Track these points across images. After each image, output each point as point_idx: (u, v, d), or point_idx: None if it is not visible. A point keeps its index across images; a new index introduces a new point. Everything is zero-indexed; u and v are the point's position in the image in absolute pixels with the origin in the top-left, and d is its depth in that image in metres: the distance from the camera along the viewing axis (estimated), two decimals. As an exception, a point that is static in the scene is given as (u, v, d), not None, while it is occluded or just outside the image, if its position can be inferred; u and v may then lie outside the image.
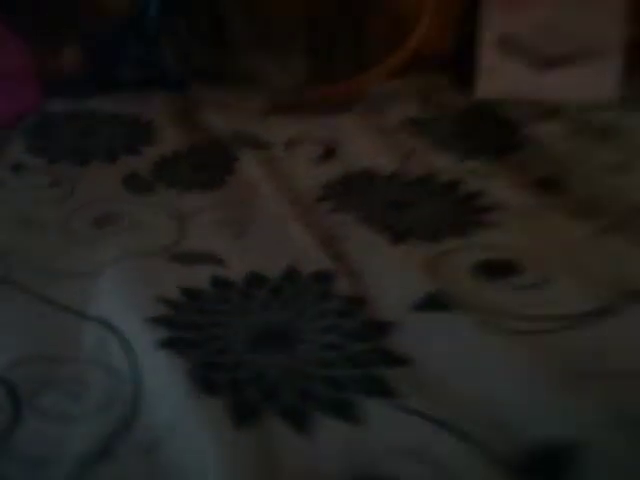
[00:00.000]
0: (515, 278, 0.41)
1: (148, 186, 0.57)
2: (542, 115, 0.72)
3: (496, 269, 0.42)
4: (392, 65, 0.81)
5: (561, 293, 0.39)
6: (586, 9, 0.82)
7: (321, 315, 0.38)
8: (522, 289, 0.40)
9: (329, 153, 0.65)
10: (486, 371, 0.32)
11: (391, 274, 0.42)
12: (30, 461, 0.28)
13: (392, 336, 0.36)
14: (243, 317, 0.39)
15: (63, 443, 0.29)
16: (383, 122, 0.70)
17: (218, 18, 0.82)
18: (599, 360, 0.32)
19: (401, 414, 0.30)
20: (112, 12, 0.80)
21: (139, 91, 0.78)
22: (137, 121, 0.72)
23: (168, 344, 0.34)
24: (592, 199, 0.51)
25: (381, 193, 0.56)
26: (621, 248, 0.44)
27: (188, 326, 0.37)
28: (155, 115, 0.73)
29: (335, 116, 0.73)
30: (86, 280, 0.42)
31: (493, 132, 0.66)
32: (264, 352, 0.35)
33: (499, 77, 0.83)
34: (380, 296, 0.40)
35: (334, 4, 0.84)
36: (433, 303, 0.38)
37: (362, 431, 0.29)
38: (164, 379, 0.32)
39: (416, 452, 0.28)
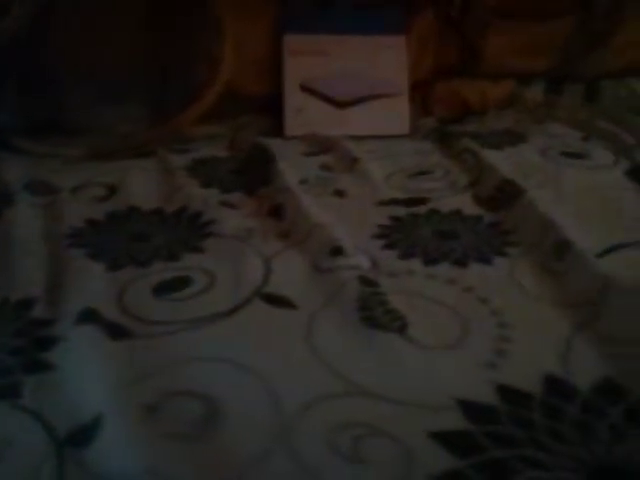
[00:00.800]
0: (182, 292, 0.49)
1: None
2: (312, 151, 0.82)
3: (173, 285, 0.50)
4: (199, 108, 0.91)
5: (210, 301, 0.47)
6: (375, 58, 0.95)
7: (3, 335, 0.45)
8: (180, 300, 0.48)
9: (110, 194, 0.72)
10: (88, 374, 0.40)
11: (85, 298, 0.49)
12: None
13: (52, 349, 0.42)
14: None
15: None
16: (171, 164, 0.79)
17: (50, 72, 0.89)
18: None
19: (12, 411, 0.37)
20: None
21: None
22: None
23: None
24: (298, 223, 0.60)
25: (130, 228, 0.63)
26: (287, 260, 0.53)
27: None
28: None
29: (134, 160, 0.81)
30: None
31: (256, 168, 0.75)
32: None
33: (305, 117, 0.94)
34: (64, 316, 0.47)
35: (164, 54, 0.93)
36: (88, 319, 0.45)
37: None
38: None
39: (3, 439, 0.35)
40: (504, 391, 0.36)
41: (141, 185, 0.74)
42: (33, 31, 0.86)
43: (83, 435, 0.34)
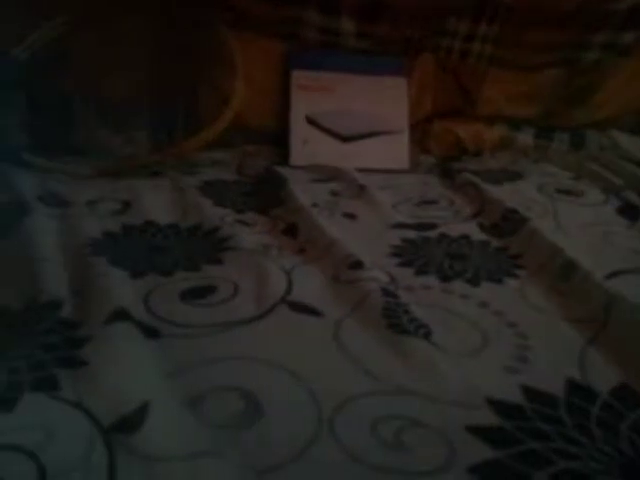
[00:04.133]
0: (208, 298, 0.51)
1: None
2: (319, 179, 0.86)
3: (198, 292, 0.52)
4: (208, 136, 0.94)
5: (237, 307, 0.49)
6: (377, 96, 1.00)
7: (34, 334, 0.45)
8: (208, 306, 0.50)
9: (125, 209, 0.74)
10: (130, 367, 0.41)
11: (114, 301, 0.49)
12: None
13: (83, 346, 0.43)
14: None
15: None
16: (182, 184, 0.81)
17: (64, 96, 0.92)
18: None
19: (52, 402, 0.37)
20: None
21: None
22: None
23: None
24: (314, 240, 0.63)
25: (147, 240, 0.65)
26: (307, 272, 0.56)
27: None
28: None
29: (146, 179, 0.83)
30: None
31: (268, 191, 0.78)
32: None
33: (309, 148, 0.98)
34: (92, 316, 0.47)
35: (169, 83, 0.96)
36: (119, 318, 0.46)
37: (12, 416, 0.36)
38: None
39: (45, 427, 0.35)
40: (529, 392, 0.39)
41: (155, 201, 0.75)
42: (48, 57, 0.89)
43: (130, 422, 0.34)
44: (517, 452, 0.34)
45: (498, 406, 0.37)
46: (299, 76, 0.99)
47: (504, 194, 0.76)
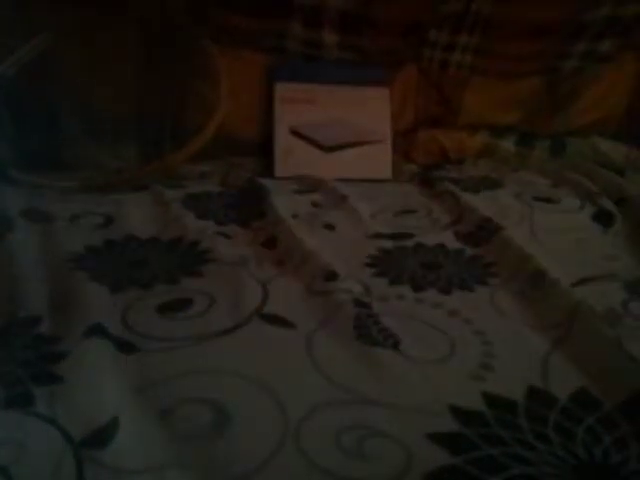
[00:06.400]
0: (184, 311, 0.52)
1: None
2: (302, 189, 0.87)
3: (175, 306, 0.53)
4: (193, 148, 0.95)
5: (212, 320, 0.50)
6: (360, 107, 1.02)
7: (11, 349, 0.46)
8: (183, 319, 0.51)
9: (107, 223, 0.75)
10: (103, 382, 0.41)
11: (92, 316, 0.50)
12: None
13: (60, 362, 0.44)
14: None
15: None
16: (166, 197, 0.82)
17: (51, 111, 0.93)
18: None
19: (26, 417, 0.38)
20: None
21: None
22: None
23: None
24: (292, 252, 0.64)
25: (129, 254, 0.66)
26: (283, 284, 0.57)
27: None
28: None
29: (130, 192, 0.84)
30: None
31: (250, 203, 0.79)
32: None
33: (293, 159, 0.99)
34: (70, 331, 0.48)
35: (156, 96, 0.97)
36: (96, 333, 0.47)
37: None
38: None
39: (17, 442, 0.36)
40: (491, 399, 0.40)
41: (137, 215, 0.76)
42: (33, 71, 0.90)
43: (100, 437, 0.35)
44: (474, 458, 0.35)
45: (460, 413, 0.38)
46: (283, 88, 1.01)
47: (481, 202, 0.77)
